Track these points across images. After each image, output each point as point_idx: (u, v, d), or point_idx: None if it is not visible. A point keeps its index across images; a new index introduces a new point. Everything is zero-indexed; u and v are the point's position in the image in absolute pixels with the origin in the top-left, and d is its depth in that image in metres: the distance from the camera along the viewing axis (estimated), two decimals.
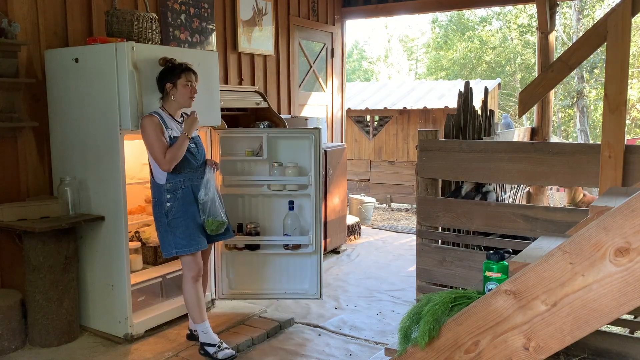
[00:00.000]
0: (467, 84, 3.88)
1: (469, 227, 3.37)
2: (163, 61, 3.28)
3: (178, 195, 3.18)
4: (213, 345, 3.23)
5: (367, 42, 25.61)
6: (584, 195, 5.29)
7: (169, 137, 3.14)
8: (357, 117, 10.14)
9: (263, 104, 4.88)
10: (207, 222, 3.26)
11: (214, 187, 3.29)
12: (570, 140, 15.96)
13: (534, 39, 15.85)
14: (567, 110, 16.55)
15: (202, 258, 3.34)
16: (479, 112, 3.87)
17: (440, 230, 3.62)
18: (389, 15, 7.08)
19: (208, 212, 3.24)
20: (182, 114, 3.34)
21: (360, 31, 32.98)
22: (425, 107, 9.37)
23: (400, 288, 4.70)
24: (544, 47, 6.10)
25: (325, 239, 5.40)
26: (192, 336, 3.46)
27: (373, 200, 8.20)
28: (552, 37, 6.12)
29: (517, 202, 5.45)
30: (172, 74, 3.18)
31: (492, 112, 4.03)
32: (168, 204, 3.16)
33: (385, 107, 9.73)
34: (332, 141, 6.83)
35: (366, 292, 4.63)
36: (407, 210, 9.51)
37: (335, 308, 4.22)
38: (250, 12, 5.38)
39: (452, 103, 8.71)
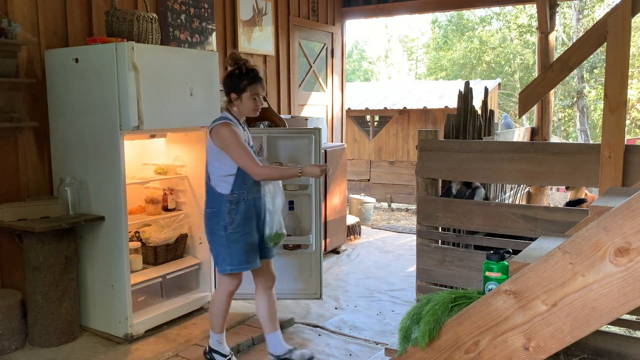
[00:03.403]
0: (467, 84, 3.88)
1: (469, 227, 3.37)
2: (232, 62, 3.04)
3: (240, 208, 2.97)
4: (224, 356, 3.16)
5: (367, 42, 25.60)
6: (585, 194, 5.29)
7: None
8: (357, 117, 10.14)
9: (263, 104, 4.87)
10: (273, 235, 3.08)
11: (282, 197, 3.13)
12: (570, 140, 15.96)
13: (533, 39, 15.85)
14: (567, 110, 16.55)
15: (268, 271, 3.18)
16: (479, 112, 3.87)
17: (440, 230, 3.62)
18: (389, 15, 7.08)
19: (274, 223, 3.07)
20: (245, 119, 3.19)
21: (360, 31, 32.98)
22: (425, 107, 9.37)
23: (400, 288, 4.70)
24: (544, 47, 6.10)
25: (325, 239, 5.40)
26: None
27: (373, 200, 8.20)
28: (552, 37, 6.12)
29: (517, 202, 5.45)
30: (237, 85, 2.97)
31: (492, 112, 4.03)
32: (229, 217, 2.95)
33: (385, 107, 9.73)
34: (332, 141, 6.83)
35: (366, 292, 4.63)
36: (407, 210, 9.51)
37: (335, 308, 4.22)
38: (250, 12, 5.38)
39: (452, 103, 8.70)
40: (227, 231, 2.95)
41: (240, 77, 2.98)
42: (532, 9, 15.41)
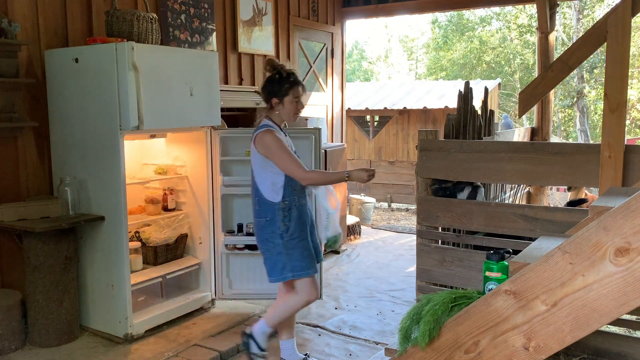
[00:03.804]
0: (467, 84, 3.88)
1: (469, 227, 3.37)
2: (271, 68, 3.01)
3: (294, 215, 2.94)
4: (262, 349, 3.08)
5: (367, 42, 25.60)
6: (586, 194, 5.29)
7: None
8: (357, 117, 10.13)
9: (263, 104, 4.87)
10: (332, 237, 3.08)
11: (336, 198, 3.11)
12: (570, 140, 15.96)
13: (533, 39, 15.85)
14: (567, 110, 16.55)
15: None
16: (479, 112, 3.87)
17: (440, 230, 3.62)
18: (389, 15, 7.08)
19: (331, 225, 3.06)
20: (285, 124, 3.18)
21: (360, 31, 32.99)
22: (425, 107, 9.37)
23: (400, 288, 4.70)
24: (544, 47, 6.10)
25: None
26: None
27: (373, 200, 8.20)
28: (552, 37, 6.12)
29: (517, 202, 5.45)
30: (279, 90, 2.95)
31: (492, 112, 4.02)
32: (284, 224, 2.92)
33: (385, 107, 9.73)
34: (332, 141, 6.83)
35: (366, 292, 4.63)
36: (407, 210, 9.51)
37: (335, 308, 4.22)
38: (250, 12, 5.38)
39: (452, 103, 8.70)
40: (284, 239, 2.92)
41: (281, 81, 2.95)
42: (532, 9, 15.41)
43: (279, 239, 2.92)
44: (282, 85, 2.95)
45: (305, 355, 3.27)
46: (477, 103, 4.00)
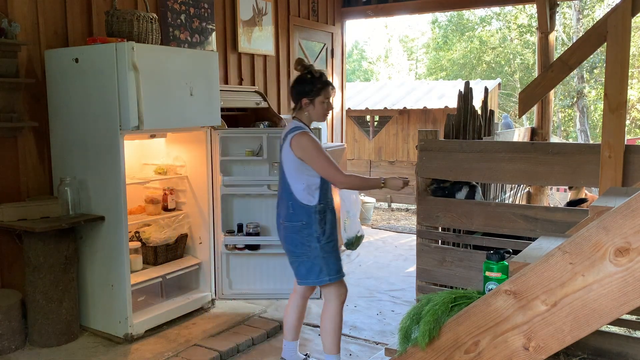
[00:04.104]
0: (467, 84, 3.88)
1: (469, 227, 3.37)
2: (302, 67, 2.96)
3: (328, 218, 2.93)
4: None
5: (367, 42, 25.60)
6: (586, 194, 5.29)
7: None
8: (357, 117, 10.13)
9: (263, 104, 4.88)
10: (355, 238, 3.06)
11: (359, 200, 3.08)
12: (570, 140, 15.96)
13: (533, 39, 15.85)
14: (567, 110, 16.55)
15: None
16: (479, 112, 3.87)
17: (440, 230, 3.62)
18: (389, 15, 7.08)
19: (354, 226, 3.03)
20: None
21: (360, 31, 32.99)
22: (425, 107, 9.37)
23: (400, 288, 4.70)
24: (544, 47, 6.10)
25: None
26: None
27: (373, 200, 8.20)
28: (552, 37, 6.12)
29: (517, 202, 5.45)
30: (310, 90, 2.90)
31: (492, 112, 4.02)
32: (320, 228, 2.89)
33: (385, 107, 9.73)
34: (332, 141, 6.83)
35: (366, 292, 4.63)
36: (407, 210, 9.50)
37: None
38: (250, 12, 5.38)
39: (452, 103, 8.70)
40: (321, 242, 2.89)
41: (313, 81, 2.90)
42: (532, 9, 15.42)
43: (316, 242, 2.88)
44: (314, 85, 2.90)
45: (306, 355, 3.27)
46: (477, 103, 4.00)
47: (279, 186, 3.00)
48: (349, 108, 9.45)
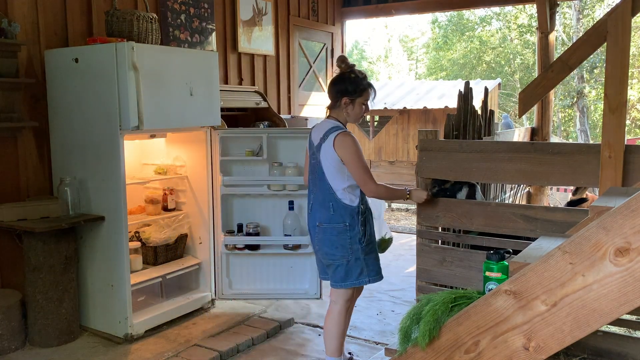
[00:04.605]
0: (467, 84, 3.88)
1: (469, 227, 3.36)
2: (345, 66, 2.89)
3: (369, 219, 2.90)
4: None
5: (367, 42, 25.61)
6: (586, 194, 5.29)
7: None
8: None
9: (263, 104, 4.88)
10: (386, 240, 3.05)
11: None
12: (570, 140, 15.96)
13: (534, 39, 15.85)
14: (567, 110, 16.55)
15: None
16: (479, 112, 3.87)
17: (440, 230, 3.61)
18: (389, 15, 7.08)
19: (382, 229, 3.00)
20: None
21: (360, 31, 32.99)
22: (425, 107, 9.38)
23: (400, 288, 4.70)
24: (544, 47, 6.10)
25: None
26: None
27: None
28: (552, 37, 6.12)
29: (517, 202, 5.45)
30: (354, 90, 2.84)
31: (492, 112, 4.02)
32: (362, 229, 2.85)
33: (385, 107, 9.73)
34: None
35: (366, 292, 4.60)
36: (407, 210, 9.51)
37: None
38: (250, 12, 5.38)
39: (452, 103, 8.70)
40: (362, 244, 2.86)
41: (357, 81, 2.85)
42: (532, 9, 15.42)
43: (358, 244, 2.84)
44: (357, 85, 2.84)
45: (349, 354, 3.20)
46: (477, 103, 4.00)
47: (314, 187, 2.91)
48: None
